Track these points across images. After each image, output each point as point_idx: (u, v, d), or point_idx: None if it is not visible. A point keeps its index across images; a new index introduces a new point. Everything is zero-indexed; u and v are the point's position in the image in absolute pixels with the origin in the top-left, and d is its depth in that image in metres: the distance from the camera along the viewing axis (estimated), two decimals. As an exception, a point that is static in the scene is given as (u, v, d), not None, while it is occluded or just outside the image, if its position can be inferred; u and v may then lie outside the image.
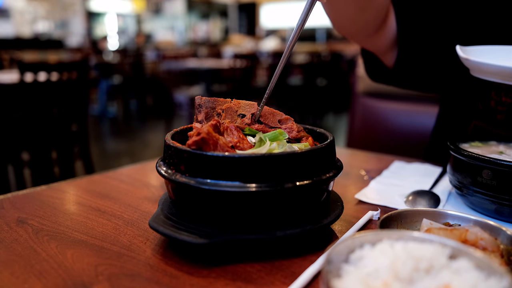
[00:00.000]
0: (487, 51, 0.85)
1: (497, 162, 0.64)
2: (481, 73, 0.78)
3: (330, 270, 0.40)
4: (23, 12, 9.86)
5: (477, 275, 0.37)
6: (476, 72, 0.80)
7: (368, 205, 0.76)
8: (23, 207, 0.73)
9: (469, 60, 0.76)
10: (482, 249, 0.52)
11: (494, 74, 0.75)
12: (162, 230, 0.55)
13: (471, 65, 0.79)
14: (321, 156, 0.59)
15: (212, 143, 0.56)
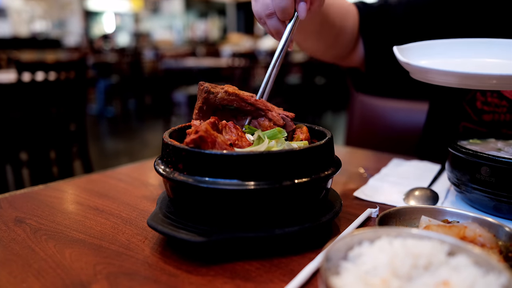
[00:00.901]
0: (425, 48, 0.82)
1: (496, 159, 0.64)
2: (426, 78, 0.73)
3: (329, 267, 0.40)
4: (20, 12, 9.82)
5: (476, 272, 0.37)
6: (418, 76, 0.74)
7: (366, 202, 0.76)
8: (21, 207, 0.73)
9: (410, 64, 0.71)
10: (481, 245, 0.52)
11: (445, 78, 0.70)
12: (160, 229, 0.55)
13: (412, 69, 0.73)
14: (320, 154, 0.59)
15: (210, 141, 0.56)
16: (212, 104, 0.69)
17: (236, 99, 0.69)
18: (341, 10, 0.99)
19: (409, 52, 0.80)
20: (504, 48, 0.78)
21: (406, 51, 0.79)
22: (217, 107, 0.71)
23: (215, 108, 0.71)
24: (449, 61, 0.80)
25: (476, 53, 0.80)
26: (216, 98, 0.67)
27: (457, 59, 0.81)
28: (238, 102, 0.69)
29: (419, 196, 0.75)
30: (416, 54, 0.80)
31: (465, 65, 0.78)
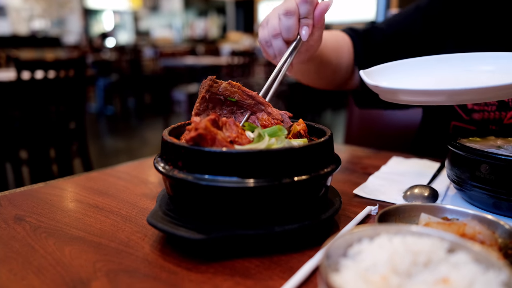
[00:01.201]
0: (392, 69, 0.81)
1: (495, 157, 0.64)
2: (395, 99, 0.71)
3: (328, 264, 0.40)
4: (19, 10, 9.80)
5: (476, 269, 0.37)
6: (388, 97, 0.73)
7: (366, 200, 0.76)
8: (21, 205, 0.73)
9: (378, 87, 0.70)
10: (480, 243, 0.52)
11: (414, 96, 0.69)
12: (160, 226, 0.55)
13: (381, 91, 0.72)
14: (319, 152, 0.59)
15: (210, 138, 0.56)
16: (215, 93, 0.71)
17: (238, 92, 0.71)
18: (335, 47, 1.06)
19: (378, 74, 0.79)
20: (475, 62, 0.79)
21: (374, 73, 0.79)
22: (219, 99, 0.72)
23: (216, 99, 0.72)
24: (419, 79, 0.80)
25: (449, 68, 0.81)
26: (219, 87, 0.70)
27: (426, 76, 0.81)
28: (240, 95, 0.71)
29: (419, 193, 0.75)
30: (384, 76, 0.80)
31: (438, 83, 0.79)
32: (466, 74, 0.79)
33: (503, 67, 0.76)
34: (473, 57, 0.80)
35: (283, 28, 0.79)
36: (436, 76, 0.81)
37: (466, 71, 0.79)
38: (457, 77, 0.78)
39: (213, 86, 0.70)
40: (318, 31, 0.83)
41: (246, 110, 0.74)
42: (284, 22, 0.78)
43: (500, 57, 0.77)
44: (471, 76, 0.78)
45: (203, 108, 0.72)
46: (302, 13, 0.79)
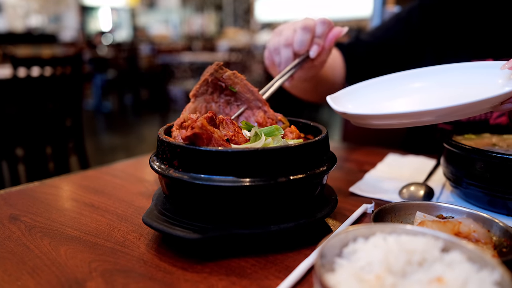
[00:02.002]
0: (358, 92, 0.78)
1: (490, 154, 0.64)
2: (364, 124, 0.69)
3: (323, 264, 0.40)
4: (15, 6, 9.73)
5: (469, 268, 0.38)
6: (359, 122, 0.69)
7: (362, 198, 0.77)
8: (16, 204, 0.73)
9: (347, 113, 0.67)
10: (475, 241, 0.52)
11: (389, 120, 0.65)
12: (155, 226, 0.55)
13: (350, 117, 0.68)
14: (315, 150, 0.59)
15: (206, 137, 0.56)
16: (218, 79, 0.72)
17: (240, 84, 0.72)
18: (331, 65, 1.10)
19: (346, 98, 0.76)
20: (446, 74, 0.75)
21: (342, 98, 0.76)
22: (220, 86, 0.73)
23: (217, 86, 0.73)
24: (392, 100, 0.76)
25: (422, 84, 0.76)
26: (223, 74, 0.71)
27: (399, 96, 0.76)
28: (241, 87, 0.72)
29: (415, 191, 0.75)
30: (352, 100, 0.76)
31: (413, 103, 0.74)
32: (440, 89, 0.74)
33: (473, 78, 0.70)
34: (444, 69, 0.75)
35: (296, 40, 0.83)
36: (409, 95, 0.76)
37: (437, 86, 0.75)
38: (432, 94, 0.74)
39: (218, 72, 0.71)
40: (325, 54, 0.88)
41: (243, 104, 0.74)
42: (299, 36, 0.82)
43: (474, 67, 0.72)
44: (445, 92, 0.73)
45: (202, 91, 0.73)
46: (317, 32, 0.84)
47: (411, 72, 0.77)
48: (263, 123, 0.71)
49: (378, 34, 1.14)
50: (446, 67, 0.74)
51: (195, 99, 0.73)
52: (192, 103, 0.73)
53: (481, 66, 0.70)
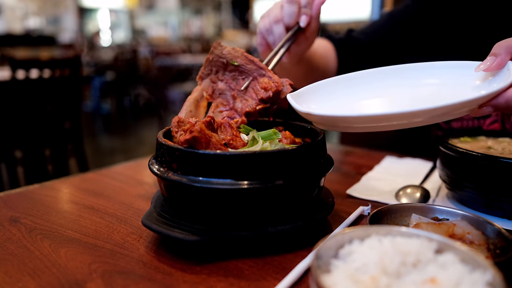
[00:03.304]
0: (321, 90, 0.70)
1: (485, 157, 0.65)
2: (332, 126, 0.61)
3: (319, 265, 0.40)
4: (14, 8, 9.73)
5: (462, 269, 0.38)
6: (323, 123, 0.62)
7: (359, 200, 0.77)
8: (16, 206, 0.73)
9: (311, 114, 0.59)
10: (469, 242, 0.53)
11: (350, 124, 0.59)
12: (155, 228, 0.56)
13: (316, 117, 0.60)
14: (312, 153, 0.59)
15: (205, 141, 0.57)
16: (218, 56, 0.73)
17: (240, 57, 0.73)
18: (323, 54, 1.11)
19: (308, 97, 0.68)
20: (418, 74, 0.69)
21: (304, 96, 0.67)
22: (222, 63, 0.74)
23: (220, 63, 0.74)
24: (355, 100, 0.70)
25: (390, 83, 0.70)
26: (223, 50, 0.73)
27: (364, 96, 0.70)
28: (242, 59, 0.73)
29: (411, 193, 0.76)
30: (315, 99, 0.68)
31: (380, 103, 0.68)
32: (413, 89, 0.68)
33: (449, 79, 0.65)
34: (418, 68, 0.69)
35: (285, 14, 0.85)
36: (379, 95, 0.69)
37: (410, 86, 0.68)
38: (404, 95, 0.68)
39: (217, 49, 0.73)
40: (314, 22, 0.89)
41: (248, 76, 0.74)
42: (287, 9, 0.85)
43: (445, 67, 0.67)
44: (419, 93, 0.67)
45: (207, 72, 0.75)
46: (303, 3, 0.87)
47: (382, 70, 0.71)
48: (269, 87, 0.70)
49: (370, 32, 1.15)
50: (420, 65, 0.69)
51: (201, 81, 0.76)
52: (199, 85, 0.75)
53: (456, 66, 0.65)
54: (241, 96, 0.74)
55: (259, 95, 0.71)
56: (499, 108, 0.53)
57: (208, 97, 0.75)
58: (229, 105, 0.75)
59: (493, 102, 0.52)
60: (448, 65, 0.66)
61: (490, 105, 0.53)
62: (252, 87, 0.74)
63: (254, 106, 0.71)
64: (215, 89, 0.76)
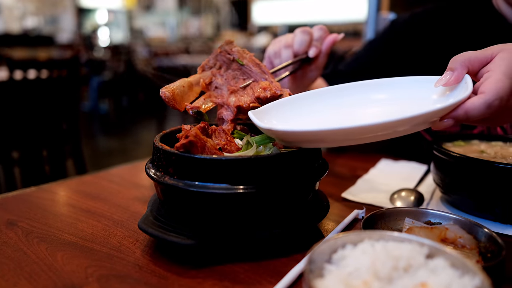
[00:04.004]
0: (282, 107, 0.69)
1: (477, 162, 0.66)
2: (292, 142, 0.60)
3: (312, 270, 0.41)
4: (12, 8, 9.71)
5: (452, 274, 0.39)
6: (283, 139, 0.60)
7: (354, 203, 0.78)
8: (13, 209, 0.74)
9: (273, 130, 0.57)
10: (461, 246, 0.54)
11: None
12: (151, 232, 0.56)
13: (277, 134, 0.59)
14: (307, 158, 0.60)
15: (200, 145, 0.57)
16: (227, 52, 0.74)
17: (248, 58, 0.74)
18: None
19: (268, 114, 0.67)
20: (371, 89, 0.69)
21: (264, 113, 0.67)
22: (228, 59, 0.75)
23: (226, 60, 0.75)
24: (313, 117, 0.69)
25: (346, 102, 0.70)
26: (233, 48, 0.74)
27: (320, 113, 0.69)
28: (249, 60, 0.74)
29: (405, 197, 0.77)
30: (276, 115, 0.68)
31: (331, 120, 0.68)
32: (373, 104, 0.68)
33: (411, 93, 0.65)
34: (380, 84, 0.69)
35: (296, 41, 0.88)
36: (340, 111, 0.69)
37: (374, 100, 0.69)
38: (365, 110, 0.68)
39: (228, 45, 0.74)
40: (323, 57, 0.93)
41: (250, 78, 0.74)
42: (299, 36, 0.88)
43: (409, 82, 0.66)
44: (378, 108, 0.67)
45: (210, 64, 0.76)
46: (315, 36, 0.90)
47: (344, 86, 0.71)
48: (268, 88, 0.70)
49: (351, 62, 1.20)
50: (381, 81, 0.69)
51: (201, 72, 0.76)
52: (198, 74, 0.75)
53: (417, 80, 0.66)
54: (238, 93, 0.73)
55: (257, 93, 0.70)
56: (459, 119, 0.54)
57: (204, 85, 0.74)
58: (222, 99, 0.73)
59: (453, 114, 0.53)
60: (408, 80, 0.67)
61: (450, 117, 0.54)
62: (251, 87, 0.73)
63: (248, 103, 0.70)
64: (213, 81, 0.75)
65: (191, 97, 0.72)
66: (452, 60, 0.59)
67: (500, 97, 0.52)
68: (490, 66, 0.56)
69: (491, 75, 0.55)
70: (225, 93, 0.74)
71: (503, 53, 0.56)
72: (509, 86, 0.53)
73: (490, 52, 0.57)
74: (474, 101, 0.53)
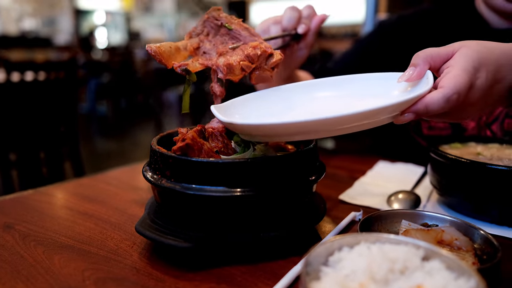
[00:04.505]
0: (245, 102, 0.70)
1: (474, 164, 0.66)
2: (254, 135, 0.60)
3: (309, 272, 0.41)
4: (9, 9, 9.69)
5: (448, 275, 0.39)
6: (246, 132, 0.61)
7: (351, 205, 0.78)
8: (10, 212, 0.74)
9: (233, 123, 0.57)
10: (457, 248, 0.54)
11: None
12: (148, 235, 0.56)
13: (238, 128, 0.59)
14: (304, 160, 0.60)
15: (197, 148, 0.57)
16: (214, 18, 0.73)
17: (236, 24, 0.72)
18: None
19: (232, 109, 0.67)
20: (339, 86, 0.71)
21: (227, 108, 0.67)
22: (216, 25, 0.74)
23: (213, 26, 0.74)
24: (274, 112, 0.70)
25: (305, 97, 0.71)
26: (220, 13, 0.73)
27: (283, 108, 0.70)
28: (237, 25, 0.72)
29: (402, 199, 0.77)
30: (239, 110, 0.68)
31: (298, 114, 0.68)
32: (337, 100, 0.69)
33: (374, 89, 0.66)
34: (344, 80, 0.71)
35: (285, 17, 0.87)
36: (303, 106, 0.70)
37: (337, 96, 0.70)
38: (327, 107, 0.68)
39: (216, 11, 0.73)
40: (311, 35, 0.91)
41: (239, 42, 0.72)
42: (288, 13, 0.87)
43: (373, 78, 0.68)
44: (341, 104, 0.67)
45: (198, 31, 0.74)
46: (304, 14, 0.89)
47: (308, 83, 0.73)
48: (258, 46, 0.68)
49: (339, 61, 1.21)
50: (345, 78, 0.70)
51: (189, 39, 0.73)
52: (185, 40, 0.73)
53: (381, 77, 0.67)
54: (227, 54, 0.70)
55: (247, 51, 0.68)
56: (419, 113, 0.55)
57: (192, 49, 0.72)
58: (211, 61, 0.70)
59: (413, 108, 0.54)
60: (372, 76, 0.68)
61: (411, 111, 0.55)
62: (241, 48, 0.71)
63: (238, 61, 0.67)
64: (201, 47, 0.73)
65: (178, 60, 0.69)
66: (414, 56, 0.60)
67: (458, 92, 0.54)
68: (450, 62, 0.57)
69: (450, 70, 0.56)
70: (214, 56, 0.71)
71: (463, 49, 0.57)
72: (467, 81, 0.54)
73: (451, 49, 0.59)
74: (433, 95, 0.54)
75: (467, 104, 0.57)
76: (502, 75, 0.58)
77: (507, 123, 0.95)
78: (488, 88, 0.57)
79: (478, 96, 0.57)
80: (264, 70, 0.70)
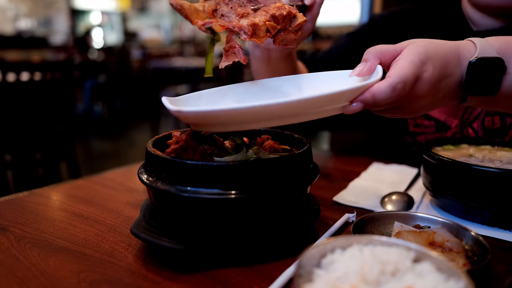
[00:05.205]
0: (198, 97, 0.70)
1: (465, 166, 0.67)
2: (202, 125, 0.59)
3: (301, 274, 0.42)
4: (4, 9, 9.65)
5: (438, 277, 0.40)
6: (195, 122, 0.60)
7: (345, 207, 0.79)
8: (5, 214, 0.74)
9: (181, 111, 0.56)
10: (449, 250, 0.55)
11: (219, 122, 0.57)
12: (143, 237, 0.57)
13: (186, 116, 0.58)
14: (297, 162, 0.61)
15: (191, 150, 0.58)
16: None
17: None
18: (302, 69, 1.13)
19: (183, 102, 0.67)
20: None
21: (178, 102, 0.66)
22: None
23: None
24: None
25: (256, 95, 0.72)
26: None
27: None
28: None
29: (396, 200, 0.78)
30: (191, 103, 0.69)
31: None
32: (290, 96, 0.70)
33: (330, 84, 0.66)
34: (300, 78, 0.73)
35: None
36: (255, 99, 0.70)
37: (291, 93, 0.71)
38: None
39: None
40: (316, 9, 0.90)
41: (259, 5, 0.68)
42: None
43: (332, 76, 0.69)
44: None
45: None
46: None
47: (266, 80, 0.74)
48: (282, 7, 0.66)
49: (330, 52, 1.22)
50: (310, 75, 0.72)
51: (204, 1, 0.67)
52: (201, 2, 0.67)
53: (334, 74, 0.69)
54: (249, 15, 0.66)
55: (271, 11, 0.64)
56: (367, 102, 0.56)
57: (210, 11, 0.66)
58: (232, 23, 0.66)
59: (361, 97, 0.55)
60: (325, 74, 0.70)
61: (359, 100, 0.56)
62: (263, 9, 0.67)
63: (263, 21, 0.64)
64: (218, 9, 0.67)
65: (196, 21, 0.64)
66: (366, 52, 0.62)
67: (403, 81, 0.55)
68: (398, 57, 0.59)
69: (398, 63, 0.58)
70: (234, 19, 0.66)
71: (410, 46, 0.60)
72: (412, 72, 0.56)
73: (400, 46, 0.61)
74: (380, 84, 0.55)
75: (416, 95, 0.58)
76: (450, 70, 0.60)
77: (487, 121, 0.97)
78: (437, 82, 0.59)
79: (427, 89, 0.58)
80: (289, 32, 0.67)
